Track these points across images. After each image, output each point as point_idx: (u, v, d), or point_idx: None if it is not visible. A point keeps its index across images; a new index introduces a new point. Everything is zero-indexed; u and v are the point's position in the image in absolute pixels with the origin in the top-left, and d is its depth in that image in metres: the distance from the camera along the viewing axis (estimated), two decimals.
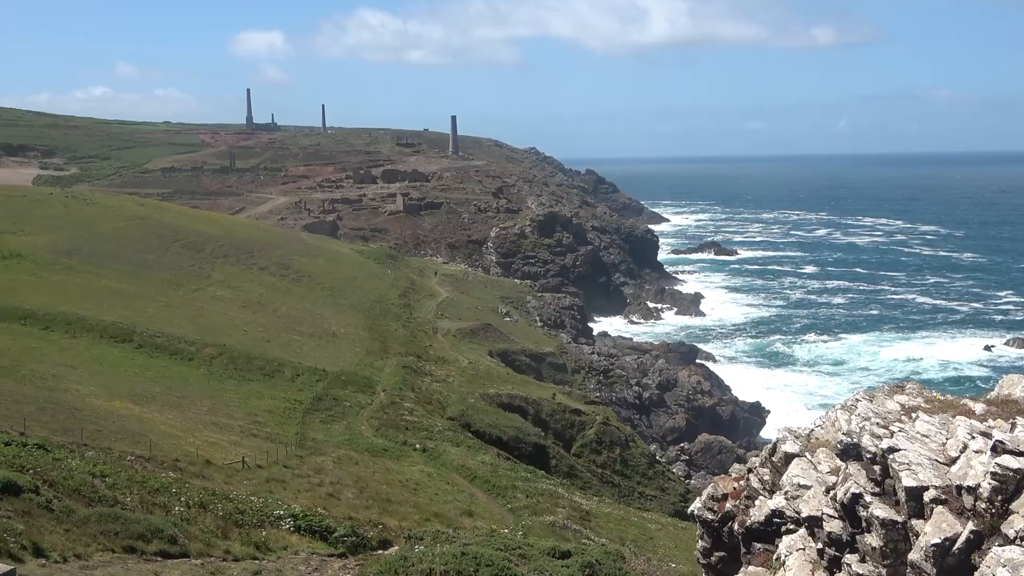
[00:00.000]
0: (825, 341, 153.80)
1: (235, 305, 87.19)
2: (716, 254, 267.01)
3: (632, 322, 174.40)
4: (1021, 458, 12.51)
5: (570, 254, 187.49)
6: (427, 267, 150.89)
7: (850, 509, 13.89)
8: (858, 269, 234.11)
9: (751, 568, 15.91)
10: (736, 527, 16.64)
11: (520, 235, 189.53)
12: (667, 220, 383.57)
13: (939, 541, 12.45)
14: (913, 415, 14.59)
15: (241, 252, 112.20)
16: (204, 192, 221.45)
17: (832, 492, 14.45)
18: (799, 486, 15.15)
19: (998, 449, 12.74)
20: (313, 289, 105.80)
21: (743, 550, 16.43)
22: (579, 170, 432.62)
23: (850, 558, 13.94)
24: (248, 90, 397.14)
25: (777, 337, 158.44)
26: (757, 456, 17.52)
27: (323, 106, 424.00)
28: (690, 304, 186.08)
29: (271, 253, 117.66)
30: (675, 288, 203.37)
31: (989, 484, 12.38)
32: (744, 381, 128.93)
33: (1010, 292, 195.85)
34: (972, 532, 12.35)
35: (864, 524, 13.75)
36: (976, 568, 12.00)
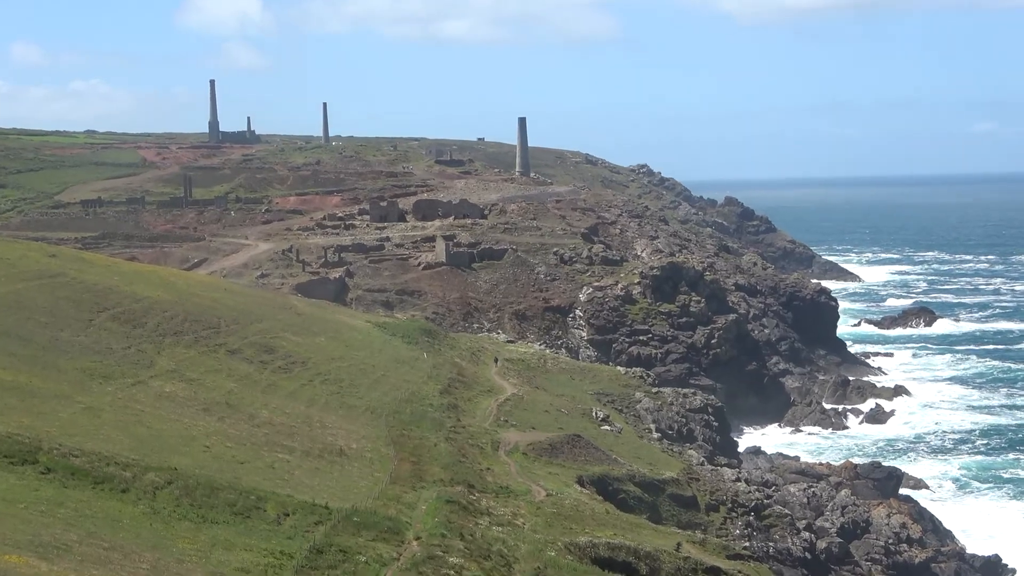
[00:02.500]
0: None
1: (192, 407, 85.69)
2: (928, 325, 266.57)
3: (799, 431, 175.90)
4: None
5: (702, 327, 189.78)
6: (483, 348, 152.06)
7: None
8: None
9: None
10: None
11: (625, 298, 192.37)
12: (851, 274, 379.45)
13: None
14: None
15: (201, 327, 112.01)
16: (146, 236, 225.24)
17: None
18: None
19: None
20: (310, 383, 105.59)
21: None
22: (713, 198, 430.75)
23: None
24: (212, 82, 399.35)
25: None
26: None
27: (324, 105, 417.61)
28: (889, 403, 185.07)
29: (247, 328, 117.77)
30: (865, 379, 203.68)
31: None
32: (975, 522, 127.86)
33: None
34: None
35: None
36: None
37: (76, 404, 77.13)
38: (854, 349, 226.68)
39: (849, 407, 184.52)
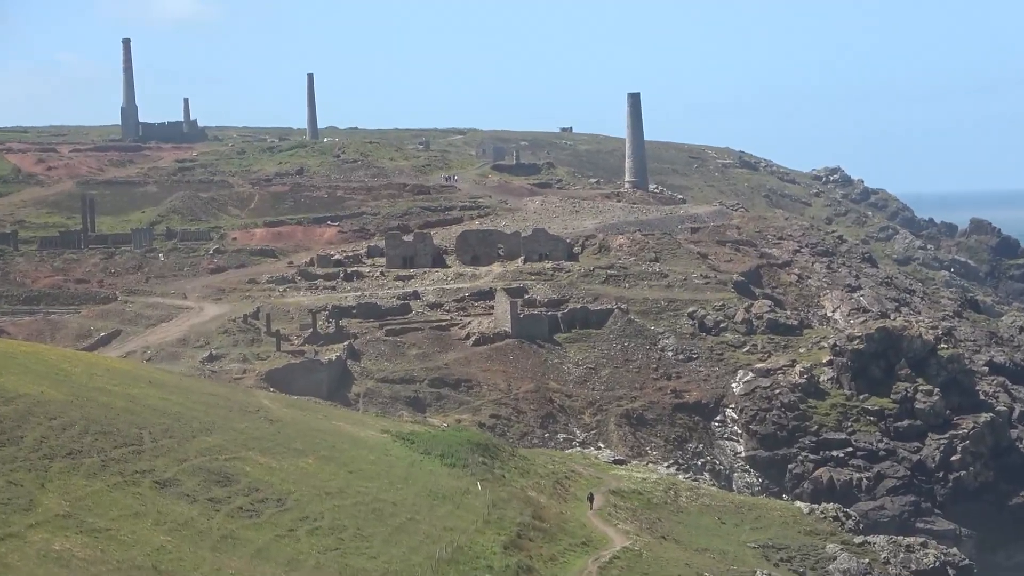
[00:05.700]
0: None
1: (99, 575, 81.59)
2: None
3: None
4: None
5: (936, 435, 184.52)
6: (574, 474, 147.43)
7: None
8: None
9: None
10: None
11: (808, 389, 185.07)
12: None
13: None
14: None
15: (112, 443, 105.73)
16: (21, 296, 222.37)
17: None
18: None
19: None
20: (290, 533, 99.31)
21: None
22: (951, 222, 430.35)
23: None
24: (125, 43, 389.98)
25: None
26: None
27: (309, 78, 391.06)
28: None
29: (186, 445, 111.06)
30: None
31: None
32: None
33: None
34: None
35: None
36: None
37: None
38: None
39: None
